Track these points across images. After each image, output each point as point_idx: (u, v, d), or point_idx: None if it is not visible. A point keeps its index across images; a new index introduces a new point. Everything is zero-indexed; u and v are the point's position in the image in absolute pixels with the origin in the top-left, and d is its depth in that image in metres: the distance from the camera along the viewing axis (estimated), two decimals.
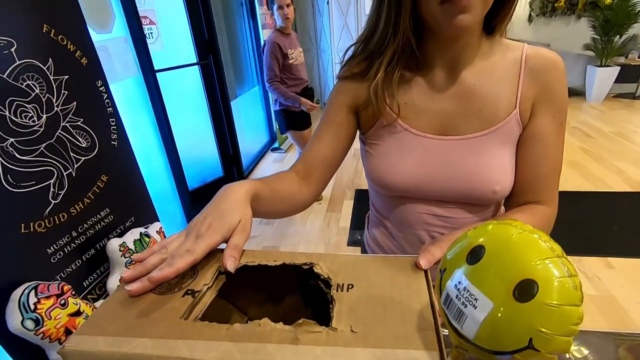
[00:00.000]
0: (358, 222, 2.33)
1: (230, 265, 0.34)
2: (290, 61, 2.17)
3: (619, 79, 4.40)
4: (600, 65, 4.33)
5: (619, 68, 4.31)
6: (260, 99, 3.76)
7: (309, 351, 0.24)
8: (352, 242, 2.14)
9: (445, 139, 0.56)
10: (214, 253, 0.36)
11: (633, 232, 2.01)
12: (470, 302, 0.22)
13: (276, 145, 3.67)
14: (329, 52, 4.73)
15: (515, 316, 0.20)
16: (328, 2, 4.43)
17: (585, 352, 0.45)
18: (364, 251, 0.78)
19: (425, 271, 0.34)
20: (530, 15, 5.95)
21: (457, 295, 0.23)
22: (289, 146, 3.72)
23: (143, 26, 1.81)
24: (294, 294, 0.41)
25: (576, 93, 4.78)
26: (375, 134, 0.60)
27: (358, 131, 0.64)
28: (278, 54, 2.09)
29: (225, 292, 0.34)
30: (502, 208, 0.64)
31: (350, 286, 0.31)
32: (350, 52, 0.59)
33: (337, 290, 0.31)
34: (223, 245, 0.36)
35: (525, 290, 0.20)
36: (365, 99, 0.57)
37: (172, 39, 2.16)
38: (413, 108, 0.56)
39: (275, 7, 2.10)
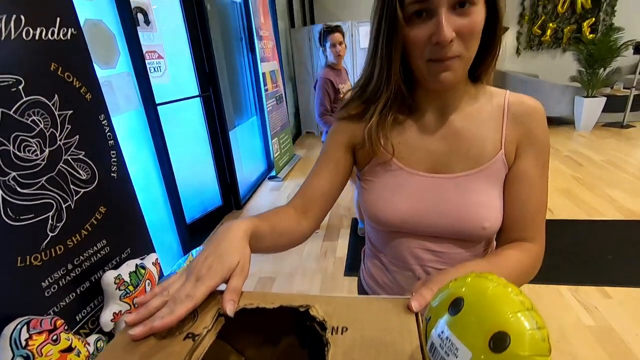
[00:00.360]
0: (355, 251, 2.32)
1: (230, 309, 0.35)
2: (341, 95, 2.26)
3: (606, 109, 4.55)
4: (587, 96, 4.48)
5: (605, 98, 4.46)
6: (258, 128, 3.83)
7: None
8: (348, 272, 2.12)
9: (436, 177, 0.59)
10: (214, 294, 0.37)
11: (628, 261, 2.02)
12: (452, 351, 0.23)
13: (273, 173, 3.71)
14: None
15: None
16: None
17: None
18: (360, 284, 0.78)
19: (416, 313, 0.35)
20: (518, 48, 6.22)
21: (440, 344, 0.24)
22: (286, 174, 3.76)
23: (152, 60, 1.89)
24: (291, 335, 0.41)
25: (565, 122, 4.92)
26: (370, 171, 0.63)
27: (357, 171, 0.67)
28: (330, 89, 2.18)
29: (223, 334, 0.35)
30: (494, 243, 0.66)
31: (344, 329, 0.32)
32: (348, 96, 0.64)
33: (332, 334, 0.32)
34: (223, 285, 0.38)
35: (500, 341, 0.22)
36: (361, 139, 0.61)
37: (178, 72, 2.24)
38: (406, 147, 0.60)
39: (328, 44, 2.20)
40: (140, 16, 1.81)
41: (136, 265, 1.16)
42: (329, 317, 0.34)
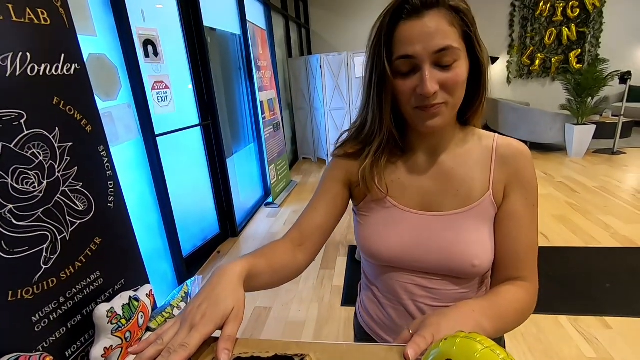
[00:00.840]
0: (352, 280, 2.29)
1: (224, 359, 0.35)
2: None
3: (596, 136, 4.65)
4: (578, 124, 4.59)
5: (595, 126, 4.57)
6: (255, 155, 3.87)
7: None
8: (345, 302, 2.09)
9: (427, 215, 0.61)
10: (209, 342, 0.37)
11: (626, 290, 2.00)
12: None
13: (270, 200, 3.70)
14: (322, 110, 4.98)
15: None
16: (321, 66, 4.75)
17: None
18: (356, 318, 0.78)
19: None
20: (508, 77, 6.43)
21: None
22: (283, 201, 3.76)
23: (160, 90, 1.95)
24: None
25: (558, 149, 5.01)
26: (365, 206, 0.65)
27: (353, 205, 0.69)
28: None
29: None
30: (489, 281, 0.67)
31: None
32: (345, 136, 0.67)
33: None
34: (218, 331, 0.38)
35: None
36: (357, 176, 0.63)
37: (181, 101, 2.30)
38: (399, 186, 0.62)
39: None
40: (150, 48, 1.88)
41: (130, 297, 1.14)
42: None
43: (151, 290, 1.25)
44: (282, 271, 0.57)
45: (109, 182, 1.18)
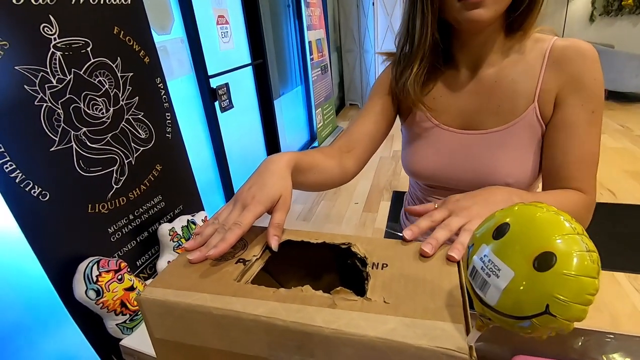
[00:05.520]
0: (394, 224, 2.31)
1: (274, 244, 0.38)
2: None
3: None
4: None
5: None
6: (302, 98, 3.83)
7: (345, 314, 0.27)
8: None
9: (466, 133, 0.59)
10: (257, 231, 0.40)
11: None
12: (494, 272, 0.24)
13: (316, 144, 3.72)
14: (372, 52, 4.72)
15: (533, 284, 0.22)
16: (373, 3, 4.42)
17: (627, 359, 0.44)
18: (400, 228, 0.82)
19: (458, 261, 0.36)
20: (592, 14, 5.55)
21: (482, 267, 0.25)
22: (329, 145, 3.76)
23: (222, 25, 1.92)
24: (332, 272, 0.44)
25: None
26: (409, 123, 0.66)
27: (401, 123, 0.69)
28: None
29: (268, 267, 0.38)
30: None
31: (384, 265, 0.34)
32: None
33: (372, 268, 0.34)
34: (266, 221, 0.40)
35: (544, 261, 0.21)
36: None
37: (237, 39, 2.29)
38: (440, 104, 0.61)
39: None
40: None
41: (188, 220, 1.25)
42: (370, 255, 0.35)
43: (206, 216, 1.35)
44: (327, 172, 0.57)
45: (167, 114, 1.25)
